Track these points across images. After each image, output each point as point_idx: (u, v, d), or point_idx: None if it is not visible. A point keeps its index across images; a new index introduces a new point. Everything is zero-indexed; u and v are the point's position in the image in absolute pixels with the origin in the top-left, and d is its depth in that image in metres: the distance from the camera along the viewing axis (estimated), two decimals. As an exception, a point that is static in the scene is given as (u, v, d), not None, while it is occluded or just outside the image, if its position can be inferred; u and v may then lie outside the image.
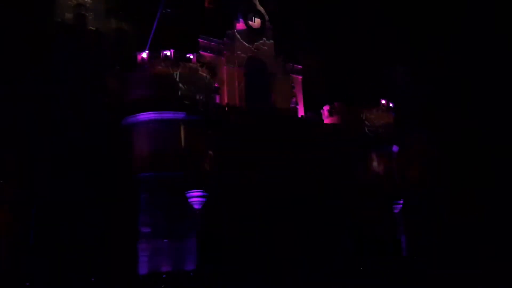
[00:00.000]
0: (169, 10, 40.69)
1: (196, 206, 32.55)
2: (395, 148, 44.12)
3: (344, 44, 49.25)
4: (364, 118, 43.31)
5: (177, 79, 34.32)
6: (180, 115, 33.51)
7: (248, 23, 43.16)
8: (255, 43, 43.19)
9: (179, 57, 34.75)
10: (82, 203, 32.23)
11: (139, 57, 34.81)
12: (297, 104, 44.61)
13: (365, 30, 49.47)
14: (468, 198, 42.70)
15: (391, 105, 45.25)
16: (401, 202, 41.71)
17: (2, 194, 30.03)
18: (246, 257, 34.26)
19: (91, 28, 36.89)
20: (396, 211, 41.75)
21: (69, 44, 35.10)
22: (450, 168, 44.87)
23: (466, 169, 45.24)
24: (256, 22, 43.69)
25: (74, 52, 35.00)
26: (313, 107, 45.32)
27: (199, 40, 40.06)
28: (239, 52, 42.08)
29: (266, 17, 44.20)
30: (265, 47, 43.73)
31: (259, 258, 34.76)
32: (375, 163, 42.42)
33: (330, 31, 48.74)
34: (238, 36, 42.38)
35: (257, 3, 44.36)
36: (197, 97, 34.57)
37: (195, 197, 32.31)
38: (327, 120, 44.38)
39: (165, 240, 31.49)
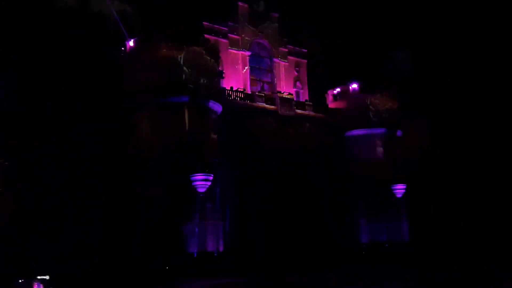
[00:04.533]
0: None
1: (200, 190, 32.66)
2: (399, 133, 44.04)
3: (349, 29, 48.82)
4: (368, 103, 43.11)
5: (181, 62, 34.05)
6: (184, 98, 33.39)
7: (253, 6, 42.79)
8: (260, 27, 42.87)
9: (183, 41, 34.47)
10: (87, 188, 32.42)
11: (142, 40, 34.58)
12: (301, 88, 44.50)
13: (369, 18, 48.99)
14: (468, 189, 42.68)
15: (395, 90, 45.02)
16: (404, 188, 41.79)
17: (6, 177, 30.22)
18: (249, 245, 34.61)
19: (94, 10, 36.70)
20: (399, 196, 41.83)
21: (72, 27, 34.93)
22: (450, 157, 44.88)
23: (466, 158, 45.29)
24: (261, 6, 43.30)
25: (76, 35, 34.83)
26: (317, 91, 45.18)
27: (203, 23, 39.78)
28: (243, 36, 41.81)
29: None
30: (270, 31, 43.42)
31: (262, 244, 35.09)
32: (379, 148, 42.40)
33: (335, 16, 48.28)
34: (243, 19, 42.06)
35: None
36: (201, 80, 34.39)
37: (199, 180, 32.41)
38: (331, 105, 44.27)
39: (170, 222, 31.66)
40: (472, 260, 35.03)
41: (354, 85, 43.84)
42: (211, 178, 32.65)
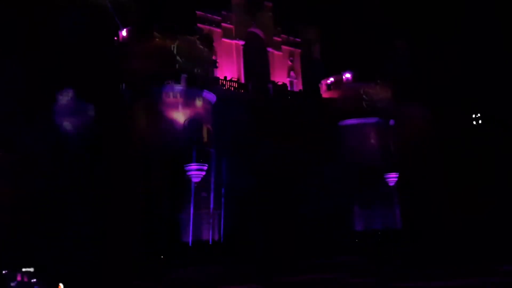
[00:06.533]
0: None
1: (194, 179, 32.82)
2: (392, 122, 44.29)
3: (346, 21, 48.80)
4: (362, 92, 43.27)
5: (175, 52, 33.97)
6: (178, 88, 33.38)
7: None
8: (254, 16, 42.73)
9: (177, 30, 34.37)
10: (84, 178, 32.48)
11: (136, 30, 34.45)
12: (295, 77, 44.55)
13: (365, 7, 48.97)
14: (468, 189, 42.90)
15: (389, 79, 45.17)
16: (396, 175, 42.19)
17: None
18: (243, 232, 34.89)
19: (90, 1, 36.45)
20: (391, 184, 42.25)
21: (68, 17, 34.80)
22: (450, 156, 45.18)
23: (465, 157, 45.65)
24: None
25: (73, 25, 34.69)
26: (311, 81, 45.23)
27: (197, 12, 39.64)
28: (237, 25, 41.68)
29: None
30: (264, 20, 43.29)
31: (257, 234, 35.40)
32: (372, 137, 42.70)
33: (332, 8, 48.21)
34: (237, 8, 41.91)
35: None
36: (195, 70, 34.36)
37: (194, 170, 32.56)
38: (325, 94, 44.38)
39: (166, 212, 31.91)
40: (472, 259, 34.13)
41: (348, 75, 43.89)
42: (205, 168, 32.80)
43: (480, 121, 47.60)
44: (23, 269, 24.31)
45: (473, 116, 47.77)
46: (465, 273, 25.20)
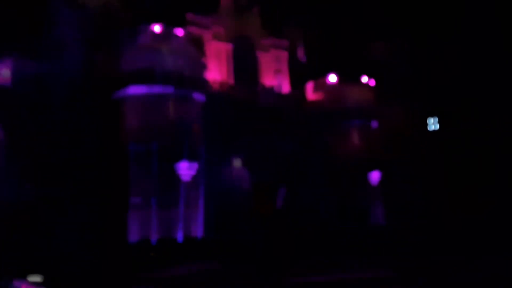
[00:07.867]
0: None
1: (184, 178, 33.70)
2: (374, 123, 45.58)
3: (330, 20, 49.75)
4: (346, 93, 44.48)
5: (165, 54, 34.78)
6: (168, 89, 34.23)
7: (236, -2, 43.56)
8: (242, 19, 43.65)
9: (167, 32, 35.21)
10: (72, 174, 33.00)
11: (127, 32, 35.18)
12: (282, 80, 45.56)
13: (351, 7, 49.97)
14: (448, 176, 43.88)
15: (372, 81, 46.47)
16: (379, 174, 43.56)
17: None
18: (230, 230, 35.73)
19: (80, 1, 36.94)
20: (374, 182, 43.61)
21: (57, 18, 35.27)
22: (431, 145, 46.14)
23: (446, 144, 46.64)
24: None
25: (62, 26, 35.18)
26: (298, 83, 46.28)
27: (187, 15, 40.41)
28: (226, 28, 42.53)
29: None
30: (252, 23, 44.23)
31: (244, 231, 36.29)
32: (355, 137, 43.99)
33: (316, 7, 49.10)
34: (226, 11, 42.79)
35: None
36: (185, 72, 35.22)
37: (184, 169, 33.45)
38: (310, 96, 45.55)
39: (154, 210, 32.68)
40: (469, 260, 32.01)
41: (332, 77, 45.08)
42: (195, 166, 33.75)
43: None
44: (29, 278, 22.89)
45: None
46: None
